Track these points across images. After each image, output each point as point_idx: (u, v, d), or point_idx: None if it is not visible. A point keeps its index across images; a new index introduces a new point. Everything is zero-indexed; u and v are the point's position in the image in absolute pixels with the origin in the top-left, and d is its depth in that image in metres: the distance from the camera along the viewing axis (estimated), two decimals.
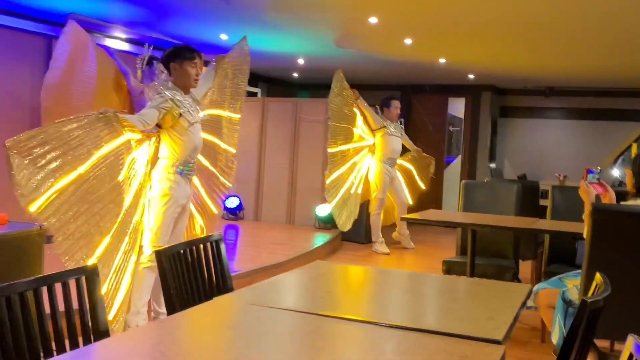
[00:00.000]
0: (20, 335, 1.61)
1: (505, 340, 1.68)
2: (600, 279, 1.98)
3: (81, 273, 1.83)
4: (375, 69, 9.14)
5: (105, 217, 3.50)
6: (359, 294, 2.39)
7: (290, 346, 1.67)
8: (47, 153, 3.20)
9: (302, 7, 5.54)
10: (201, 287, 2.35)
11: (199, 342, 1.64)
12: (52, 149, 3.22)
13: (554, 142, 11.11)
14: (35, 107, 6.73)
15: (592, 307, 1.73)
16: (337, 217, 7.39)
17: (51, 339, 1.71)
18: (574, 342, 1.73)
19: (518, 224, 4.73)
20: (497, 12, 5.48)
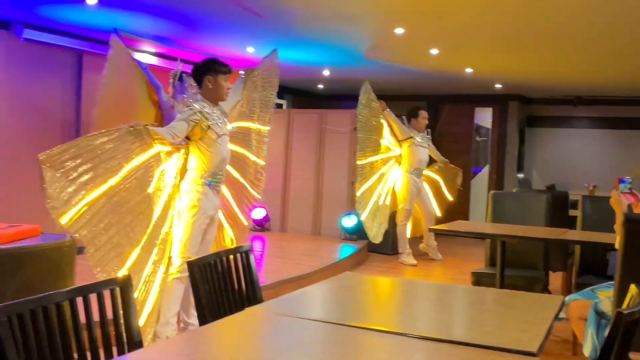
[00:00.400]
0: (57, 345, 1.64)
1: (540, 353, 1.67)
2: (635, 290, 1.96)
3: (115, 284, 1.86)
4: (401, 79, 9.13)
5: (136, 228, 3.54)
6: (388, 305, 2.39)
7: (320, 357, 1.68)
8: (79, 166, 3.26)
9: (329, 19, 5.56)
10: (231, 297, 2.36)
11: (232, 352, 1.65)
12: (83, 162, 3.27)
13: (583, 152, 10.98)
14: (65, 120, 6.87)
15: (628, 318, 1.71)
16: (368, 229, 7.36)
17: (86, 349, 1.73)
18: (610, 355, 1.71)
19: (548, 234, 4.67)
20: (523, 21, 5.46)
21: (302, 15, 5.51)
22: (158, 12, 5.63)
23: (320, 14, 5.44)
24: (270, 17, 5.67)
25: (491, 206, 5.38)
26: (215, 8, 5.41)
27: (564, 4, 4.86)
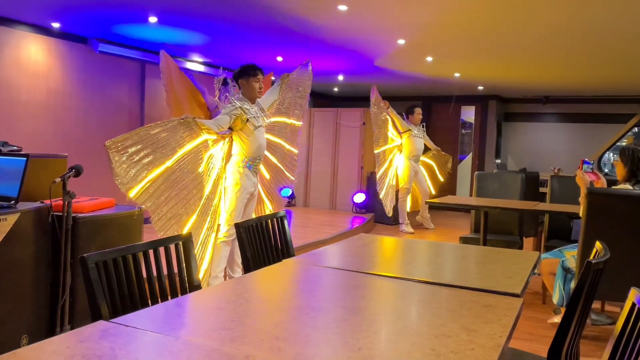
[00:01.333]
0: (134, 288, 1.65)
1: (522, 295, 1.65)
2: (600, 246, 1.93)
3: (179, 239, 1.87)
4: (401, 82, 9.05)
5: (190, 201, 3.56)
6: (397, 258, 2.38)
7: (341, 296, 1.67)
8: (140, 151, 3.29)
9: (343, 31, 5.51)
10: (270, 252, 2.37)
11: (274, 291, 1.65)
12: (143, 147, 3.31)
13: (550, 142, 10.86)
14: (132, 116, 6.90)
15: (595, 267, 1.68)
16: (385, 205, 7.37)
17: (157, 292, 1.75)
18: (580, 298, 1.69)
19: (523, 206, 4.63)
20: (502, 34, 5.37)
21: (322, 28, 5.46)
22: (204, 29, 5.62)
23: (337, 27, 5.39)
24: (296, 31, 5.63)
25: (476, 184, 5.33)
26: (251, 25, 5.38)
27: (537, 20, 4.77)
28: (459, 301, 1.55)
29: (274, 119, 4.43)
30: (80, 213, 3.27)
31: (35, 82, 5.72)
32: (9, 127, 5.36)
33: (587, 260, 1.64)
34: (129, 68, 6.79)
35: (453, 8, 4.46)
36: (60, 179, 3.01)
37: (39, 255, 3.10)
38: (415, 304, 1.57)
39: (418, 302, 1.58)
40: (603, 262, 1.75)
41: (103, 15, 5.20)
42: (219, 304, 1.49)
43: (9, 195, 3.05)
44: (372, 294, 1.69)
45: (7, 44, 5.42)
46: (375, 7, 4.51)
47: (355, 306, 1.48)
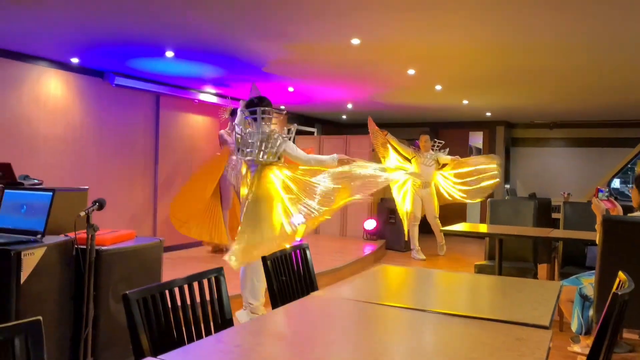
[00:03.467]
0: (171, 321, 1.69)
1: (551, 326, 1.67)
2: (624, 277, 1.95)
3: (212, 273, 1.91)
4: (410, 109, 9.15)
5: None
6: (424, 289, 2.40)
7: (379, 330, 1.70)
8: None
9: (355, 63, 5.62)
10: (295, 284, 2.40)
11: (309, 327, 1.68)
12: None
13: (558, 166, 10.90)
14: (147, 146, 7.00)
15: (621, 299, 1.71)
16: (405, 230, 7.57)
17: (191, 322, 1.78)
18: (607, 331, 1.70)
19: (538, 233, 4.65)
20: (509, 63, 5.47)
21: (335, 61, 5.57)
22: (217, 62, 5.74)
23: (347, 59, 5.50)
24: (300, 63, 5.74)
25: (489, 211, 5.36)
26: (265, 57, 5.50)
27: (542, 50, 4.87)
28: (491, 334, 1.57)
29: None
30: (103, 245, 3.32)
31: (54, 116, 5.85)
32: (29, 161, 5.45)
33: (614, 292, 1.66)
34: (144, 100, 6.92)
35: (462, 38, 4.56)
36: (84, 213, 3.07)
37: (63, 287, 3.14)
38: (451, 337, 1.59)
39: (453, 335, 1.61)
40: (629, 294, 1.77)
41: (120, 50, 5.34)
42: (258, 340, 1.52)
43: (36, 229, 3.11)
44: (407, 329, 1.71)
45: (27, 80, 5.57)
46: (387, 40, 4.62)
47: (392, 340, 1.51)
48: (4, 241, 2.90)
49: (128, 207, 6.66)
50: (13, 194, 3.30)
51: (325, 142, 9.47)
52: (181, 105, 7.42)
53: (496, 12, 3.84)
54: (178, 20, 4.28)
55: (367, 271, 2.56)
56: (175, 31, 4.60)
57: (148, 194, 7.00)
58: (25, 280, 2.85)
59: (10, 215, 3.24)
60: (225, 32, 4.57)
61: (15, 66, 5.43)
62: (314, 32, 4.46)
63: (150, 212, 7.03)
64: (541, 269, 5.55)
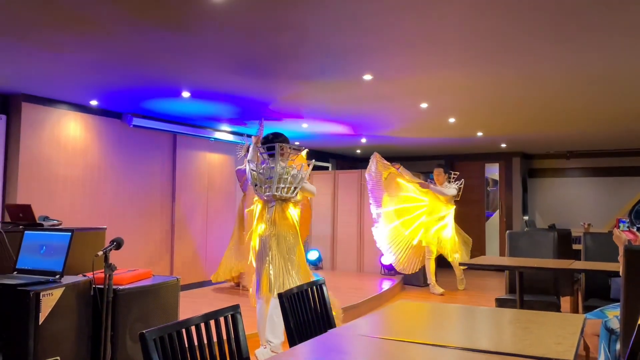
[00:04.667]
0: (187, 358, 1.68)
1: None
2: None
3: (228, 311, 1.91)
4: (423, 142, 9.18)
5: None
6: (445, 325, 2.36)
7: None
8: None
9: (367, 98, 5.68)
10: (312, 322, 2.38)
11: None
12: None
13: (576, 197, 10.77)
14: (164, 185, 7.09)
15: None
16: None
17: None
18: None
19: (558, 265, 4.56)
20: (524, 93, 5.49)
21: (348, 96, 5.64)
22: (232, 101, 5.85)
23: (361, 96, 5.57)
24: (312, 99, 5.83)
25: (508, 243, 5.29)
26: (279, 95, 5.60)
27: (557, 79, 4.89)
28: None
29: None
30: (120, 285, 3.34)
31: (74, 158, 5.97)
32: (49, 202, 5.55)
33: (639, 323, 1.62)
34: (161, 140, 7.05)
35: (473, 70, 4.61)
36: (102, 252, 3.10)
37: (81, 327, 3.15)
38: None
39: None
40: None
41: (138, 92, 5.48)
42: None
43: (54, 269, 3.14)
44: None
45: (48, 122, 5.72)
46: (399, 74, 4.68)
47: None
48: (24, 282, 2.93)
49: (145, 246, 6.71)
50: (32, 234, 3.36)
51: (340, 177, 9.50)
52: (197, 144, 7.54)
53: (509, 44, 3.89)
54: (194, 62, 4.40)
55: (386, 307, 2.53)
56: (191, 72, 4.72)
57: (165, 233, 7.04)
58: (43, 320, 2.87)
59: (29, 255, 3.29)
60: (240, 72, 4.67)
61: (37, 110, 5.60)
62: (326, 69, 4.55)
63: (167, 250, 7.06)
64: (564, 301, 5.42)
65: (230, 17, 3.37)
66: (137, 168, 6.71)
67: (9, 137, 5.46)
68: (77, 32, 3.68)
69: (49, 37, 3.79)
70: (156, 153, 6.99)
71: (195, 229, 7.43)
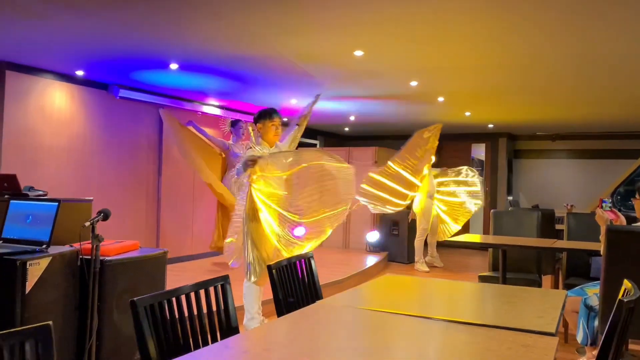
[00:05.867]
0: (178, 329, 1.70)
1: (557, 333, 1.68)
2: (629, 285, 1.96)
3: (219, 281, 1.92)
4: (410, 121, 9.18)
5: None
6: (429, 298, 2.40)
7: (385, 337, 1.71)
8: None
9: (357, 74, 5.65)
10: (300, 294, 2.41)
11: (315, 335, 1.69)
12: None
13: (561, 178, 10.92)
14: (149, 161, 7.04)
15: (627, 306, 1.71)
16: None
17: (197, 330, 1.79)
18: (613, 339, 1.71)
19: (542, 244, 4.65)
20: (512, 76, 5.51)
21: (338, 73, 5.61)
22: (222, 74, 5.79)
23: (353, 72, 5.54)
24: (304, 75, 5.79)
25: (492, 222, 5.37)
26: (267, 69, 5.55)
27: (545, 63, 4.91)
28: (498, 341, 1.58)
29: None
30: (107, 256, 3.34)
31: (59, 128, 5.89)
32: (34, 172, 5.48)
33: (619, 299, 1.67)
34: (147, 112, 6.97)
35: (463, 51, 4.61)
36: (89, 223, 3.09)
37: (68, 297, 3.15)
38: (457, 345, 1.60)
39: (459, 343, 1.61)
40: (634, 301, 1.78)
41: (125, 63, 5.39)
42: (265, 346, 1.53)
43: (41, 239, 3.12)
44: (413, 336, 1.72)
45: (33, 92, 5.62)
46: (390, 52, 4.66)
47: (397, 347, 1.52)
48: (10, 251, 2.92)
49: (131, 218, 6.68)
50: (18, 204, 3.33)
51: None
52: (184, 118, 7.46)
53: (499, 27, 3.89)
54: (183, 33, 4.33)
55: (372, 281, 2.57)
56: (179, 44, 4.65)
57: (151, 205, 7.02)
58: (30, 290, 2.86)
59: (15, 225, 3.27)
60: (229, 43, 4.62)
61: (21, 79, 5.49)
62: (317, 43, 4.51)
63: (153, 223, 7.05)
64: (545, 280, 5.53)
65: None
66: (123, 140, 6.64)
67: None
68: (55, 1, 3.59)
69: (34, 4, 3.70)
70: (143, 125, 6.92)
71: (182, 202, 7.41)
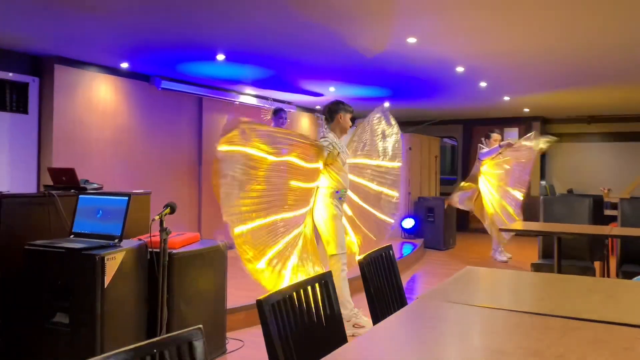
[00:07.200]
0: (306, 324, 1.68)
1: None
2: None
3: (323, 278, 1.91)
4: (447, 106, 9.08)
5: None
6: (530, 293, 2.34)
7: (521, 338, 1.67)
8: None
9: (406, 61, 5.56)
10: (390, 294, 2.38)
11: (446, 332, 1.67)
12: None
13: (595, 162, 10.72)
14: (191, 148, 7.05)
15: None
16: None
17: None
18: None
19: (597, 231, 4.56)
20: (550, 62, 5.44)
21: (386, 59, 5.53)
22: (265, 63, 5.75)
23: (401, 59, 5.45)
24: (348, 63, 5.73)
25: (542, 208, 5.29)
26: (307, 56, 5.50)
27: (582, 47, 4.84)
28: (629, 339, 1.55)
29: (355, 160, 4.38)
30: (173, 249, 3.36)
31: (104, 120, 5.92)
32: (82, 165, 5.53)
33: None
34: (187, 103, 6.98)
35: (511, 38, 4.53)
36: (158, 217, 3.10)
37: (139, 291, 3.18)
38: (595, 343, 1.56)
39: (597, 341, 1.57)
40: None
41: (171, 55, 5.38)
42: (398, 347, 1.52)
43: (113, 233, 3.15)
44: (542, 335, 1.66)
45: (80, 85, 5.65)
46: (442, 38, 4.59)
47: (539, 347, 1.49)
48: (86, 246, 2.94)
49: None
50: (88, 199, 3.35)
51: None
52: (222, 108, 7.47)
53: (544, 14, 3.83)
54: (229, 24, 4.29)
55: (457, 275, 2.52)
56: (226, 34, 4.61)
57: (193, 195, 7.06)
58: (108, 284, 2.89)
59: (86, 220, 3.29)
60: (277, 33, 4.57)
61: (69, 72, 5.52)
62: (370, 31, 4.45)
63: (195, 213, 7.09)
64: (595, 266, 5.46)
65: None
66: (165, 131, 6.67)
67: (42, 99, 5.40)
68: None
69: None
70: (183, 116, 6.93)
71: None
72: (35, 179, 5.34)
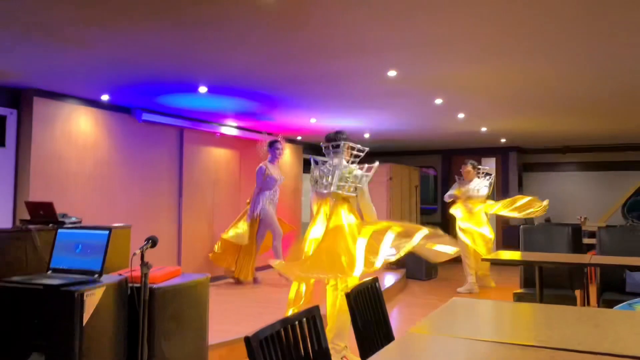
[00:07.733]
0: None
1: None
2: None
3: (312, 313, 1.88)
4: (427, 137, 9.20)
5: None
6: (519, 323, 2.34)
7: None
8: None
9: (385, 93, 5.65)
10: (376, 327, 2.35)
11: None
12: None
13: (571, 191, 10.93)
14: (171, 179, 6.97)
15: None
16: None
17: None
18: None
19: (577, 259, 4.61)
20: (525, 92, 5.56)
21: (365, 92, 5.61)
22: (247, 95, 5.77)
23: (373, 91, 5.54)
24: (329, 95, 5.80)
25: (522, 237, 5.34)
26: (288, 90, 5.55)
27: (557, 79, 4.99)
28: None
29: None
30: (154, 283, 3.29)
31: (84, 153, 5.85)
32: (62, 199, 5.42)
33: None
34: (168, 135, 6.94)
35: (489, 70, 4.65)
36: (139, 251, 3.04)
37: (119, 327, 3.10)
38: None
39: None
40: None
41: (152, 87, 5.37)
42: None
43: (92, 269, 3.07)
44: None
45: (59, 117, 5.59)
46: (423, 71, 4.67)
47: None
48: (65, 282, 2.86)
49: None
50: (67, 233, 3.28)
51: None
52: (203, 139, 7.45)
53: (520, 47, 3.96)
54: (212, 57, 4.31)
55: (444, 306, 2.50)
56: (209, 67, 4.64)
57: (173, 228, 6.96)
58: (87, 321, 2.81)
59: (64, 255, 3.21)
60: (260, 66, 4.61)
61: (47, 104, 5.46)
62: (351, 66, 4.51)
63: (174, 246, 6.98)
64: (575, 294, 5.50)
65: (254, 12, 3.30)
66: (145, 163, 6.60)
67: (20, 132, 5.32)
68: (90, 26, 3.57)
69: (61, 32, 3.68)
70: (164, 148, 6.89)
71: (202, 224, 7.36)
72: (12, 212, 5.22)
